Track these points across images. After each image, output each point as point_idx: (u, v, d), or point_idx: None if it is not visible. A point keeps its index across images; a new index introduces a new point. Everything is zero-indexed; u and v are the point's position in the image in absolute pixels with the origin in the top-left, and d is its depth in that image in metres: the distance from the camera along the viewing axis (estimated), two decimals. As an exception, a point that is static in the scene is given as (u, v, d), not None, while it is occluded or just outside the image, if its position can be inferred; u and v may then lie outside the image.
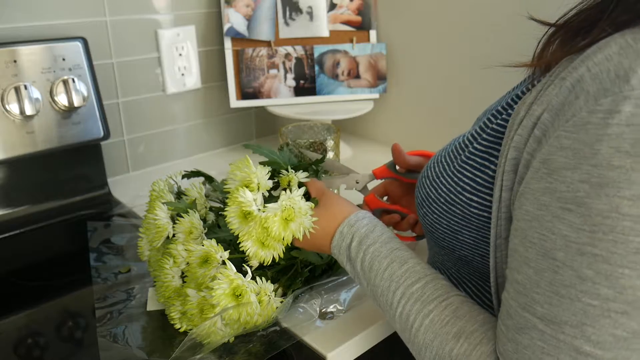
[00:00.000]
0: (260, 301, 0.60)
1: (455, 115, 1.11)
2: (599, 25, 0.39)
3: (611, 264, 0.34)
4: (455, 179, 0.52)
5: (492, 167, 0.49)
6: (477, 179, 0.50)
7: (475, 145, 0.52)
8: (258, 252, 0.60)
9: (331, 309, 0.67)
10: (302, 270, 0.67)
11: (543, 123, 0.39)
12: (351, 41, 1.20)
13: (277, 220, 0.59)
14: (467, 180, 0.51)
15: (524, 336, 0.39)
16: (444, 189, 0.53)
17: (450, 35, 1.08)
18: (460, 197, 0.51)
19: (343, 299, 0.68)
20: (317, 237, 0.60)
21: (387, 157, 0.82)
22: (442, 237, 0.56)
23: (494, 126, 0.50)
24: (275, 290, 0.63)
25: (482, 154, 0.50)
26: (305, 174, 0.67)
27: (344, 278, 0.71)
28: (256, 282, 0.60)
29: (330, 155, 0.94)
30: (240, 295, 0.58)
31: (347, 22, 1.20)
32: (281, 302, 0.62)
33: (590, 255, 0.35)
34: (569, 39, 0.43)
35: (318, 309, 0.66)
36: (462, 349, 0.45)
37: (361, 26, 1.21)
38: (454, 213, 0.52)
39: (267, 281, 0.62)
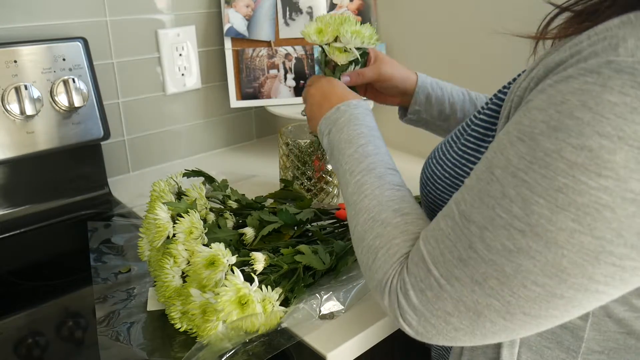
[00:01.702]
0: (264, 309, 0.60)
1: (455, 115, 1.11)
2: (605, 10, 0.42)
3: (532, 191, 0.38)
4: (460, 152, 0.55)
5: (493, 133, 0.52)
6: (481, 149, 0.53)
7: (479, 117, 0.55)
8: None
9: (331, 309, 0.67)
10: (305, 274, 0.67)
11: (537, 77, 0.43)
12: (351, 41, 1.20)
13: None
14: (471, 152, 0.54)
15: (442, 221, 0.45)
16: (449, 164, 0.56)
17: (450, 35, 1.08)
18: (465, 169, 0.53)
19: (343, 299, 0.68)
20: (319, 105, 0.68)
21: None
22: None
23: (499, 94, 0.54)
24: (279, 296, 0.63)
25: (485, 124, 0.53)
26: None
27: (344, 278, 0.71)
28: (261, 289, 0.60)
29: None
30: (245, 303, 0.58)
31: (347, 22, 1.20)
32: (285, 311, 0.62)
33: (520, 179, 0.39)
34: (575, 19, 0.46)
35: (318, 309, 0.66)
36: (394, 220, 0.52)
37: (361, 26, 1.21)
38: (458, 187, 0.54)
39: (271, 289, 0.62)
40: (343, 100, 0.65)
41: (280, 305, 0.63)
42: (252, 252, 0.64)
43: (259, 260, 0.63)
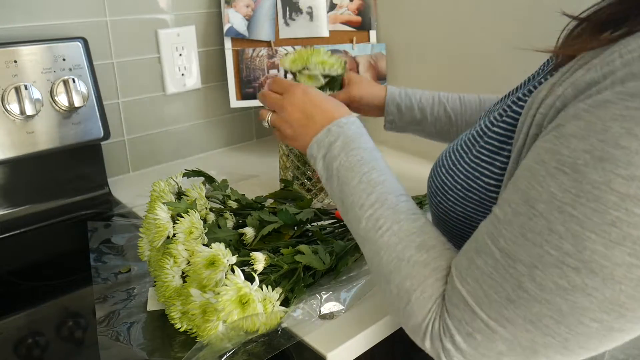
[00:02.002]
0: (264, 309, 0.60)
1: (455, 115, 1.11)
2: (631, 19, 0.41)
3: (583, 227, 0.37)
4: (473, 164, 0.53)
5: (509, 147, 0.50)
6: (496, 162, 0.51)
7: (493, 129, 0.53)
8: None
9: (331, 309, 0.67)
10: (305, 274, 0.67)
11: (565, 97, 0.41)
12: (351, 41, 1.20)
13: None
14: (485, 165, 0.52)
15: (479, 258, 0.43)
16: (461, 176, 0.54)
17: (450, 35, 1.08)
18: (478, 182, 0.52)
19: (343, 299, 0.68)
20: (301, 125, 0.64)
21: (387, 157, 0.82)
22: (455, 225, 0.56)
23: (516, 108, 0.51)
24: (279, 296, 0.63)
25: (501, 137, 0.52)
26: None
27: (344, 278, 0.71)
28: (262, 289, 0.61)
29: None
30: (246, 302, 0.58)
31: (347, 22, 1.20)
32: (285, 311, 0.62)
33: (568, 214, 0.37)
34: (597, 31, 0.45)
35: (318, 309, 0.66)
36: (421, 257, 0.49)
37: (361, 26, 1.21)
38: (471, 199, 0.53)
39: (272, 289, 0.62)
40: (331, 119, 0.62)
41: (280, 305, 0.63)
42: (252, 252, 0.64)
43: (259, 260, 0.63)
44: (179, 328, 0.63)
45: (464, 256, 0.45)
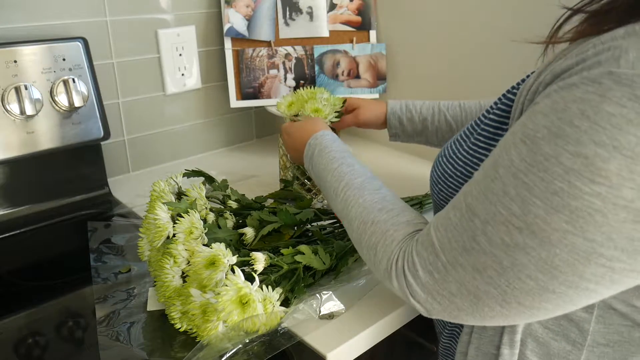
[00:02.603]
0: (264, 309, 0.60)
1: (455, 115, 1.11)
2: (614, 13, 0.44)
3: (530, 193, 0.41)
4: (471, 150, 0.57)
5: (503, 133, 0.53)
6: (491, 148, 0.54)
7: (489, 116, 0.56)
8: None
9: (331, 309, 0.67)
10: (305, 274, 0.67)
11: (545, 82, 0.45)
12: (351, 41, 1.20)
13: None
14: (481, 151, 0.55)
15: (452, 211, 0.48)
16: (461, 163, 0.57)
17: (450, 35, 1.08)
18: (476, 167, 0.54)
19: (343, 299, 0.68)
20: (297, 148, 0.78)
21: (387, 157, 0.82)
22: None
23: (508, 94, 0.55)
24: (279, 296, 0.63)
25: (495, 123, 0.55)
26: None
27: (344, 278, 0.71)
28: (262, 289, 0.60)
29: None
30: (246, 302, 0.58)
31: (347, 22, 1.20)
32: (285, 311, 0.62)
33: (520, 181, 0.42)
34: (589, 20, 0.47)
35: (318, 309, 0.66)
36: (382, 217, 0.58)
37: (361, 26, 1.21)
38: None
39: (272, 289, 0.62)
40: (310, 135, 0.75)
41: (280, 305, 0.63)
42: (253, 252, 0.64)
43: (259, 261, 0.63)
44: (179, 328, 0.63)
45: (444, 210, 0.50)
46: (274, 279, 0.64)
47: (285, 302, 0.65)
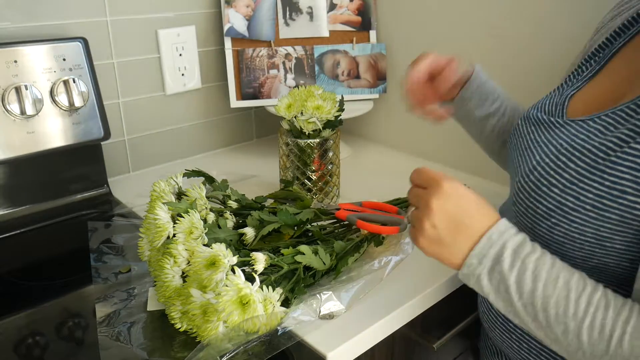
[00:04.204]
0: (265, 310, 0.60)
1: (455, 115, 1.11)
2: None
3: None
4: (608, 182, 0.50)
5: None
6: (638, 180, 0.49)
7: (628, 149, 0.50)
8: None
9: (331, 309, 0.67)
10: (305, 275, 0.67)
11: None
12: (351, 41, 1.20)
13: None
14: (627, 183, 0.49)
15: None
16: (591, 195, 0.51)
17: (450, 35, 1.08)
18: (620, 200, 0.50)
19: (343, 299, 0.68)
20: (450, 230, 0.54)
21: (387, 157, 0.82)
22: (581, 247, 0.53)
23: None
24: (279, 296, 0.63)
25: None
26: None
27: (344, 277, 0.71)
28: (262, 290, 0.60)
29: (330, 155, 0.94)
30: (247, 303, 0.58)
31: (347, 23, 1.20)
32: (285, 312, 0.62)
33: None
34: None
35: (318, 309, 0.66)
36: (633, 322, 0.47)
37: (361, 26, 1.21)
38: (608, 219, 0.51)
39: (272, 290, 0.62)
40: (487, 227, 0.54)
41: (280, 305, 0.63)
42: (253, 253, 0.64)
43: (260, 261, 0.63)
44: (179, 328, 0.63)
45: None
46: (274, 279, 0.64)
47: (286, 302, 0.65)
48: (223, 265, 0.60)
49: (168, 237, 0.67)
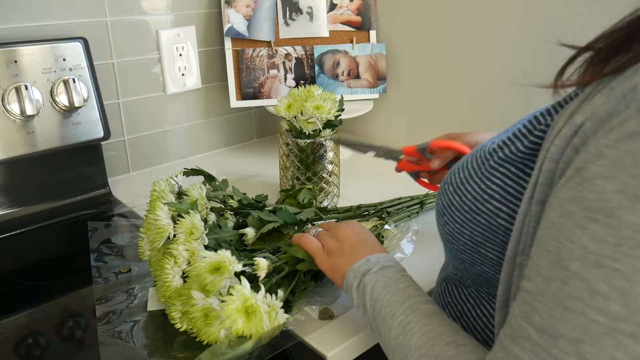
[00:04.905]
0: (269, 319, 0.59)
1: (455, 115, 1.11)
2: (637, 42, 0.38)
3: (631, 281, 0.32)
4: (483, 185, 0.49)
5: (527, 178, 0.46)
6: (508, 188, 0.47)
7: (507, 151, 0.48)
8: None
9: (331, 309, 0.67)
10: (305, 277, 0.67)
11: (584, 132, 0.37)
12: (351, 41, 1.20)
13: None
14: (495, 188, 0.48)
15: (515, 345, 0.37)
16: (469, 196, 0.50)
17: (450, 35, 1.08)
18: (488, 205, 0.48)
19: (343, 298, 0.68)
20: (352, 244, 0.63)
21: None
22: (463, 249, 0.53)
23: (537, 132, 0.46)
24: (281, 300, 0.63)
25: (517, 164, 0.47)
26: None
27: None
28: (266, 297, 0.60)
29: (330, 155, 0.94)
30: (252, 312, 0.58)
31: (347, 23, 1.20)
32: (287, 318, 0.62)
33: (610, 269, 0.32)
34: (603, 59, 0.41)
35: (318, 309, 0.66)
36: (449, 352, 0.46)
37: (361, 26, 1.21)
38: (478, 223, 0.49)
39: (275, 297, 0.61)
40: (372, 253, 0.61)
41: (281, 307, 0.63)
42: (256, 258, 0.64)
43: (262, 268, 0.63)
44: (179, 328, 0.63)
45: (499, 346, 0.39)
46: (276, 282, 0.64)
47: (286, 304, 0.65)
48: (228, 271, 0.60)
49: (168, 238, 0.67)
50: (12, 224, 0.92)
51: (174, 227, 0.66)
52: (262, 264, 0.63)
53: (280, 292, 0.63)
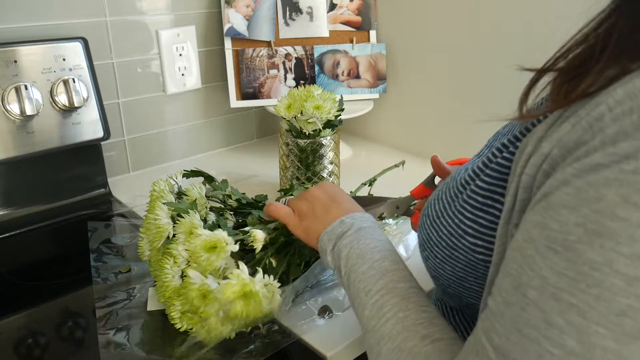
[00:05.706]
0: (268, 300, 0.59)
1: (455, 115, 1.11)
2: (599, 61, 0.37)
3: (587, 318, 0.31)
4: (457, 220, 0.47)
5: (498, 206, 0.44)
6: (480, 220, 0.46)
7: (477, 182, 0.47)
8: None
9: (331, 307, 0.67)
10: (301, 251, 0.67)
11: (552, 158, 0.36)
12: (351, 41, 1.20)
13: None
14: (468, 223, 0.46)
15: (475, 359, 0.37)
16: (445, 231, 0.48)
17: (450, 35, 1.08)
18: (463, 241, 0.47)
19: (343, 297, 0.68)
20: (324, 205, 0.61)
21: (388, 157, 0.82)
22: (448, 284, 0.51)
23: (499, 160, 0.45)
24: (276, 276, 0.62)
25: (485, 192, 0.46)
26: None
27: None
28: (263, 277, 0.60)
29: (330, 155, 0.94)
30: (250, 296, 0.58)
31: (347, 22, 1.20)
32: (282, 292, 0.62)
33: (566, 303, 0.32)
34: (564, 80, 0.40)
35: (318, 307, 0.66)
36: (424, 349, 0.44)
37: (361, 26, 1.21)
38: (458, 259, 0.48)
39: (274, 279, 0.61)
40: (348, 212, 0.59)
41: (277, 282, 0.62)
42: (252, 230, 0.64)
43: (259, 240, 0.63)
44: (179, 328, 0.63)
45: (463, 355, 0.39)
46: (271, 254, 0.64)
47: (281, 280, 0.64)
48: (224, 251, 0.60)
49: (168, 238, 0.67)
50: (12, 224, 0.92)
51: (174, 226, 0.66)
52: (259, 236, 0.63)
53: (275, 266, 0.62)
